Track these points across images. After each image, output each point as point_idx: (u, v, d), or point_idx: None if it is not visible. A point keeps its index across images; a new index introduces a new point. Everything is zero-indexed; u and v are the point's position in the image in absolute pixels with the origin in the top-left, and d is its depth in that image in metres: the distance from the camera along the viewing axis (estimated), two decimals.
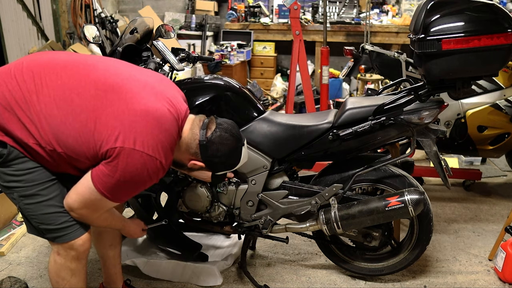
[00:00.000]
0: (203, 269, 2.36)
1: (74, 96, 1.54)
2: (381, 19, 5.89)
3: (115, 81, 1.59)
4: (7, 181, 1.60)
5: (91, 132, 1.52)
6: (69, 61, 1.64)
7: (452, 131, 3.08)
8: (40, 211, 1.62)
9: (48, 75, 1.58)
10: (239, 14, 6.08)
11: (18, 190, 1.60)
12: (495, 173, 3.79)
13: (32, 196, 1.60)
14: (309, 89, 3.87)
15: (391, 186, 2.18)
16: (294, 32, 3.77)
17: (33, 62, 1.62)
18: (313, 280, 2.41)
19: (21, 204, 1.62)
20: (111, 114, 1.52)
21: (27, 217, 1.66)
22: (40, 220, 1.63)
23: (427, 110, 2.06)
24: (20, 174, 1.58)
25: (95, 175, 1.55)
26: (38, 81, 1.56)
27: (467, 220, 3.06)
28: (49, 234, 1.66)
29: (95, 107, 1.53)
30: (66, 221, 1.64)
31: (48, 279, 2.40)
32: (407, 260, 2.31)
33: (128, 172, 1.52)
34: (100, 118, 1.52)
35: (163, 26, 2.38)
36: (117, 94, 1.56)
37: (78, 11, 5.91)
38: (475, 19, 1.86)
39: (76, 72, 1.60)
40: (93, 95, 1.54)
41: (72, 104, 1.53)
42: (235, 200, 2.28)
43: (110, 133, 1.51)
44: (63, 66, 1.61)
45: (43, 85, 1.56)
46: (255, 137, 2.19)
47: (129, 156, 1.50)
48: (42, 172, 1.61)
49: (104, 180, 1.54)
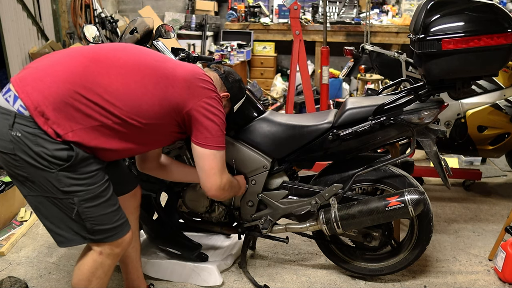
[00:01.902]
0: (203, 269, 2.36)
1: (143, 69, 1.68)
2: (381, 19, 5.90)
3: (159, 55, 1.82)
4: (68, 185, 1.57)
5: (173, 95, 1.70)
6: (113, 45, 1.79)
7: (452, 131, 3.08)
8: (100, 212, 1.64)
9: (107, 58, 1.65)
10: (239, 14, 6.08)
11: (80, 195, 1.59)
12: (495, 173, 3.79)
13: (94, 198, 1.62)
14: (309, 89, 3.87)
15: (391, 186, 2.18)
16: (294, 32, 3.77)
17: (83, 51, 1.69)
18: (313, 280, 2.41)
19: (81, 208, 1.60)
20: (179, 77, 1.72)
21: (83, 221, 1.63)
22: (98, 221, 1.65)
23: (427, 110, 2.06)
24: (84, 178, 1.59)
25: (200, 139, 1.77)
26: (100, 64, 1.62)
27: (467, 220, 3.06)
28: (102, 234, 1.67)
29: (166, 75, 1.71)
30: (118, 219, 1.70)
31: (48, 279, 2.40)
32: (407, 260, 2.31)
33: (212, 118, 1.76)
34: (174, 82, 1.71)
35: (163, 26, 2.38)
36: (170, 63, 1.77)
37: (78, 11, 5.91)
38: (475, 19, 1.85)
39: (130, 51, 1.74)
40: (157, 66, 1.72)
41: (145, 75, 1.67)
42: (235, 200, 2.28)
43: (184, 96, 1.71)
44: (114, 49, 1.73)
45: (109, 66, 1.63)
46: (255, 137, 2.19)
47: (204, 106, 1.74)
48: (101, 174, 1.65)
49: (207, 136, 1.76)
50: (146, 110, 1.65)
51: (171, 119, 1.73)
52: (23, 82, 1.56)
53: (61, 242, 1.70)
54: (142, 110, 1.64)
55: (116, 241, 1.71)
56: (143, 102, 1.64)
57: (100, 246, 1.71)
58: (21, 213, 2.99)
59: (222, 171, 1.85)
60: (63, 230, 1.67)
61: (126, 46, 1.79)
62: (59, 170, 1.55)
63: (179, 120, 1.75)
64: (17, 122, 1.52)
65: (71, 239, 1.68)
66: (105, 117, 1.59)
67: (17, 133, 1.52)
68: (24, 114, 1.52)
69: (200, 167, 1.82)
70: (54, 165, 1.54)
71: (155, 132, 1.74)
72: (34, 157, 1.53)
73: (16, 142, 1.52)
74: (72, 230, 1.66)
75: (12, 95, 1.55)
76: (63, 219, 1.64)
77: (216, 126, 1.78)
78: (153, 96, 1.66)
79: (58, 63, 1.62)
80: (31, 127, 1.52)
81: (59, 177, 1.56)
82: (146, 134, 1.71)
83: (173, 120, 1.74)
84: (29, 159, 1.53)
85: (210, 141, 1.77)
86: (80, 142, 1.57)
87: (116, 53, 1.69)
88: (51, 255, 2.63)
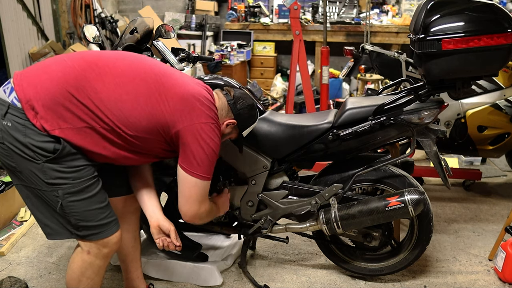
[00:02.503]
0: (203, 269, 2.36)
1: (138, 81, 1.65)
2: (381, 19, 5.89)
3: (164, 69, 1.77)
4: (53, 177, 1.60)
5: (163, 113, 1.65)
6: (116, 54, 1.77)
7: (452, 131, 3.08)
8: (84, 207, 1.65)
9: (106, 65, 1.65)
10: (239, 14, 6.08)
11: (64, 188, 1.61)
12: (495, 173, 3.79)
13: (78, 193, 1.63)
14: (309, 89, 3.87)
15: (391, 186, 2.18)
16: (294, 32, 3.77)
17: (84, 55, 1.69)
18: (313, 280, 2.41)
19: (65, 201, 1.62)
20: (175, 96, 1.68)
21: (68, 215, 1.65)
22: (82, 217, 1.65)
23: (427, 110, 2.06)
24: (69, 171, 1.61)
25: (185, 165, 1.71)
26: (97, 70, 1.63)
27: (467, 220, 3.06)
28: (87, 231, 1.68)
29: (160, 91, 1.66)
30: (104, 218, 1.69)
31: (48, 279, 2.40)
32: (407, 260, 2.31)
33: (203, 144, 1.69)
34: (167, 99, 1.66)
35: (163, 26, 2.38)
36: (172, 79, 1.72)
37: (78, 11, 5.91)
38: (475, 19, 1.85)
39: (131, 61, 1.71)
40: (155, 81, 1.68)
41: (139, 88, 1.65)
42: (235, 200, 2.28)
43: (177, 115, 1.66)
44: (114, 57, 1.71)
45: (106, 73, 1.63)
46: (255, 137, 2.19)
47: (198, 129, 1.68)
48: (89, 169, 1.65)
49: (192, 163, 1.69)
50: (133, 122, 1.64)
51: (158, 136, 1.69)
52: (22, 76, 1.62)
53: (49, 234, 1.71)
54: (129, 122, 1.63)
55: (102, 240, 1.70)
56: (131, 115, 1.63)
57: (87, 245, 1.71)
58: (21, 213, 2.99)
59: (201, 200, 1.79)
60: (51, 221, 1.69)
61: (130, 56, 1.77)
62: (45, 161, 1.58)
63: (167, 138, 1.71)
64: (9, 113, 1.57)
65: (58, 232, 1.70)
66: (93, 121, 1.60)
67: (8, 123, 1.57)
68: (17, 106, 1.57)
69: (180, 191, 1.78)
70: (40, 156, 1.57)
71: (144, 146, 1.71)
72: (21, 147, 1.57)
73: (5, 131, 1.57)
74: (60, 223, 1.68)
75: (9, 87, 1.61)
76: (50, 211, 1.67)
77: (204, 155, 1.70)
78: (142, 111, 1.64)
79: (57, 63, 1.65)
80: (21, 118, 1.56)
81: (45, 168, 1.58)
82: (134, 145, 1.69)
83: (161, 137, 1.70)
84: (16, 149, 1.57)
85: (194, 168, 1.71)
86: (67, 140, 1.59)
87: (116, 62, 1.69)
88: (51, 255, 2.63)
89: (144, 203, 1.91)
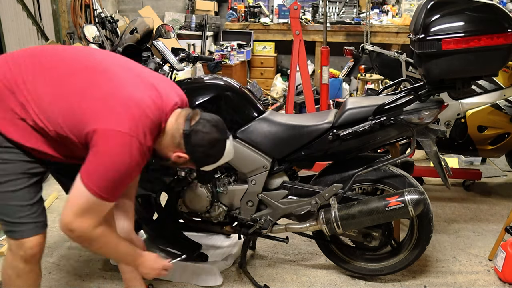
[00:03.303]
0: (203, 269, 2.36)
1: (67, 78, 1.57)
2: (381, 19, 5.89)
3: (109, 66, 1.61)
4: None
5: (76, 113, 1.52)
6: (71, 48, 1.72)
7: (452, 131, 3.08)
8: (3, 201, 1.61)
9: (49, 58, 1.62)
10: (239, 14, 6.08)
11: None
12: (495, 173, 3.79)
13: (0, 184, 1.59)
14: (309, 89, 3.87)
15: (391, 186, 2.18)
16: (294, 32, 3.77)
17: (37, 48, 1.68)
18: (313, 280, 2.41)
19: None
20: (97, 95, 1.52)
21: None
22: (1, 210, 1.62)
23: (427, 110, 2.06)
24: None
25: (83, 172, 1.50)
26: (37, 64, 1.60)
27: (467, 220, 3.06)
28: (5, 226, 1.64)
29: (82, 89, 1.54)
30: (22, 217, 1.62)
31: (48, 279, 2.40)
32: (407, 260, 2.31)
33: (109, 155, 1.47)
34: (85, 99, 1.52)
35: (163, 26, 2.38)
36: (107, 77, 1.57)
37: (78, 11, 5.91)
38: (475, 19, 1.86)
39: (75, 57, 1.65)
40: (84, 78, 1.56)
41: (63, 86, 1.55)
42: (235, 200, 2.28)
43: (93, 115, 1.50)
44: (62, 50, 1.68)
45: (42, 67, 1.59)
46: (255, 137, 2.19)
47: (109, 136, 1.47)
48: (16, 166, 1.60)
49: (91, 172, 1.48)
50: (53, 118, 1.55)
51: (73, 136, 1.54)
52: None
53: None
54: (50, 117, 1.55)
55: (17, 240, 1.63)
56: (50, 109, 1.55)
57: (9, 242, 1.67)
58: None
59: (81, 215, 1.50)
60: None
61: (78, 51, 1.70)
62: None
63: (81, 141, 1.53)
64: None
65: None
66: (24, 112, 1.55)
67: None
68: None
69: (69, 195, 1.56)
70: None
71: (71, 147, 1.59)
72: None
73: None
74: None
75: None
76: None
77: (105, 169, 1.47)
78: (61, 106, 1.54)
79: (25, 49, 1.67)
80: None
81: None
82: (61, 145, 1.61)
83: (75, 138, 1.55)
84: None
85: (91, 178, 1.48)
86: (1, 133, 1.56)
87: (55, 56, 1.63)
88: (51, 255, 2.63)
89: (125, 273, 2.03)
